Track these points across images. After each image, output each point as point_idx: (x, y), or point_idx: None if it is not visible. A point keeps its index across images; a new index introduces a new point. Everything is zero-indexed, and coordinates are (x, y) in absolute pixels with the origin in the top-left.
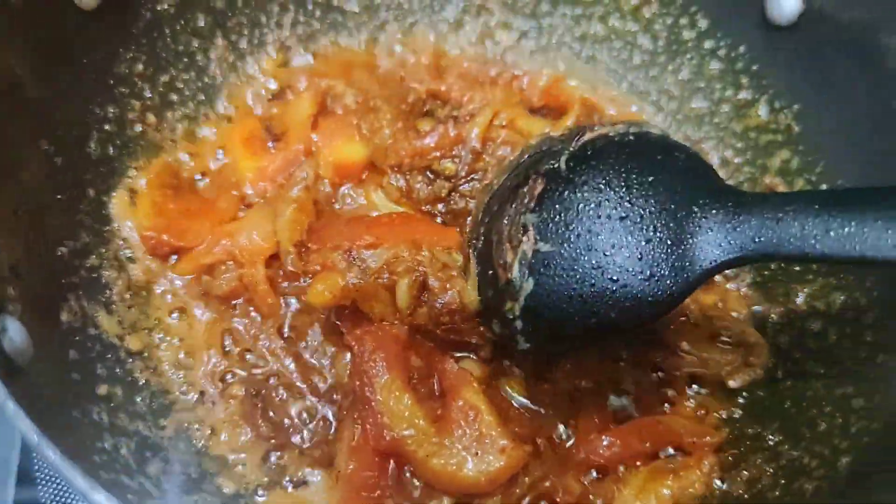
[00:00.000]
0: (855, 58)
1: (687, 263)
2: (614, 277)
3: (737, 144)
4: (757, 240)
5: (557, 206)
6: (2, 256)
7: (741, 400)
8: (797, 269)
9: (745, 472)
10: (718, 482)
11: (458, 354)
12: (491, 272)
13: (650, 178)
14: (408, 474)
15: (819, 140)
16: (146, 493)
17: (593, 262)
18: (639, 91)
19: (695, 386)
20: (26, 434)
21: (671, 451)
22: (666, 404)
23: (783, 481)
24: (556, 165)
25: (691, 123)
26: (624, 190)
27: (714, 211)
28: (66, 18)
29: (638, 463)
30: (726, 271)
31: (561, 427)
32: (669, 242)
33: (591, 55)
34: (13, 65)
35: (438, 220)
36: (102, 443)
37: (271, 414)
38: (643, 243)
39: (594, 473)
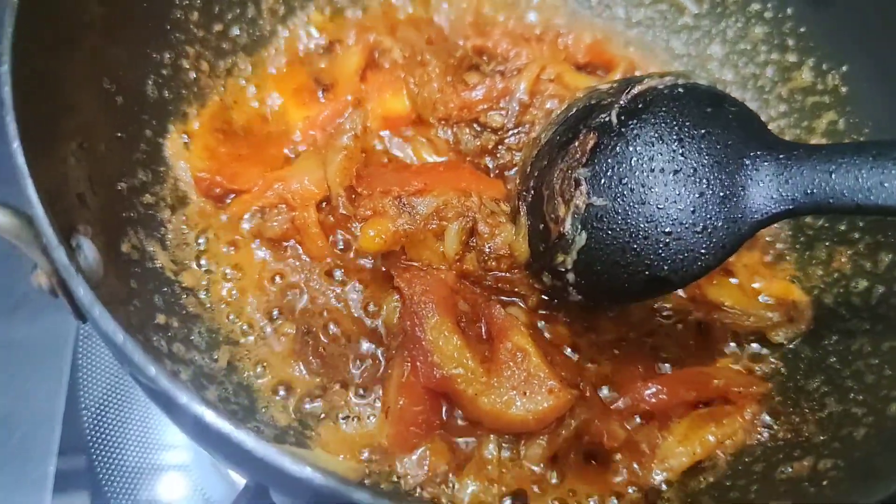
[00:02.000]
0: None
1: (739, 215)
2: (667, 230)
3: (781, 107)
4: (809, 191)
5: (610, 160)
6: (70, 184)
7: (784, 355)
8: (842, 227)
9: (789, 420)
10: (762, 429)
11: (505, 300)
12: (542, 226)
13: (702, 131)
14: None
15: (867, 101)
16: None
17: (646, 215)
18: (682, 53)
19: (736, 342)
20: (112, 335)
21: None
22: (708, 357)
23: (830, 428)
24: (607, 119)
25: (735, 85)
26: (676, 143)
27: (766, 163)
28: None
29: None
30: (772, 226)
31: (606, 374)
32: (722, 195)
33: (637, 19)
34: (90, 7)
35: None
36: (165, 367)
37: (322, 351)
38: (696, 196)
39: (637, 419)
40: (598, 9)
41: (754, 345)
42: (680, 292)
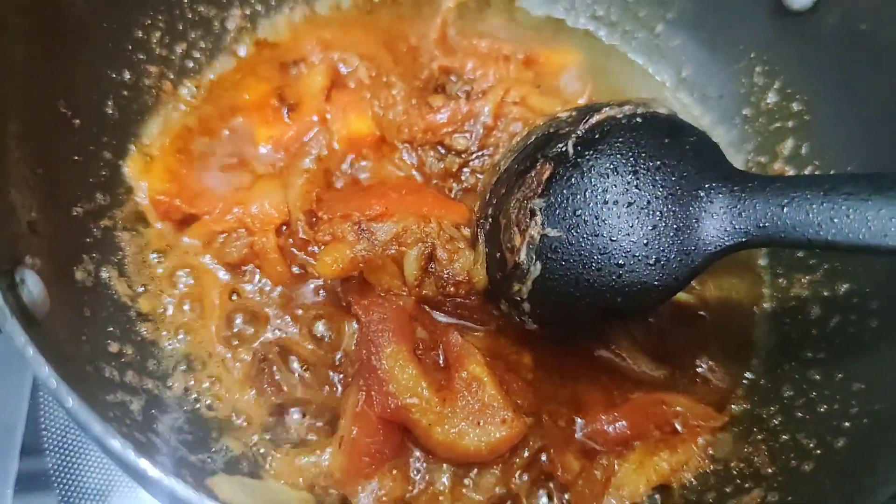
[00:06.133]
0: (868, 45)
1: (692, 248)
2: (620, 262)
3: (745, 130)
4: (761, 225)
5: (565, 191)
6: (21, 213)
7: (741, 383)
8: (800, 255)
9: (741, 450)
10: (715, 458)
11: (464, 326)
12: (499, 254)
13: (658, 163)
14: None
15: (830, 127)
16: (155, 448)
17: (600, 247)
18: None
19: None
20: (46, 381)
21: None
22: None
23: (780, 460)
24: (563, 149)
25: (701, 108)
26: (631, 175)
27: (720, 195)
28: None
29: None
30: None
31: (566, 401)
32: (675, 227)
33: (606, 39)
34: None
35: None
36: (114, 398)
37: (277, 378)
38: (649, 228)
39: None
40: (567, 29)
41: (711, 373)
42: None
